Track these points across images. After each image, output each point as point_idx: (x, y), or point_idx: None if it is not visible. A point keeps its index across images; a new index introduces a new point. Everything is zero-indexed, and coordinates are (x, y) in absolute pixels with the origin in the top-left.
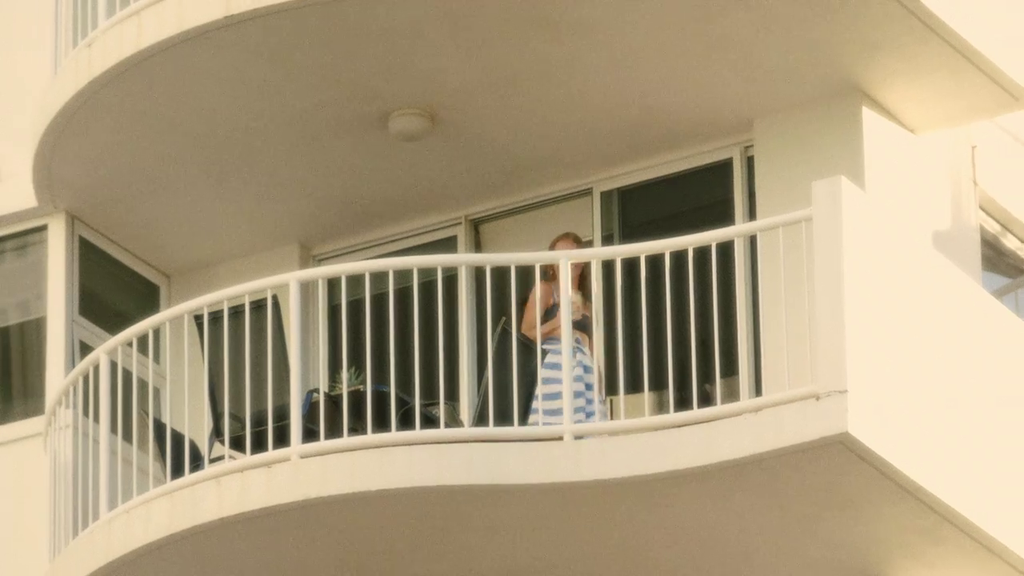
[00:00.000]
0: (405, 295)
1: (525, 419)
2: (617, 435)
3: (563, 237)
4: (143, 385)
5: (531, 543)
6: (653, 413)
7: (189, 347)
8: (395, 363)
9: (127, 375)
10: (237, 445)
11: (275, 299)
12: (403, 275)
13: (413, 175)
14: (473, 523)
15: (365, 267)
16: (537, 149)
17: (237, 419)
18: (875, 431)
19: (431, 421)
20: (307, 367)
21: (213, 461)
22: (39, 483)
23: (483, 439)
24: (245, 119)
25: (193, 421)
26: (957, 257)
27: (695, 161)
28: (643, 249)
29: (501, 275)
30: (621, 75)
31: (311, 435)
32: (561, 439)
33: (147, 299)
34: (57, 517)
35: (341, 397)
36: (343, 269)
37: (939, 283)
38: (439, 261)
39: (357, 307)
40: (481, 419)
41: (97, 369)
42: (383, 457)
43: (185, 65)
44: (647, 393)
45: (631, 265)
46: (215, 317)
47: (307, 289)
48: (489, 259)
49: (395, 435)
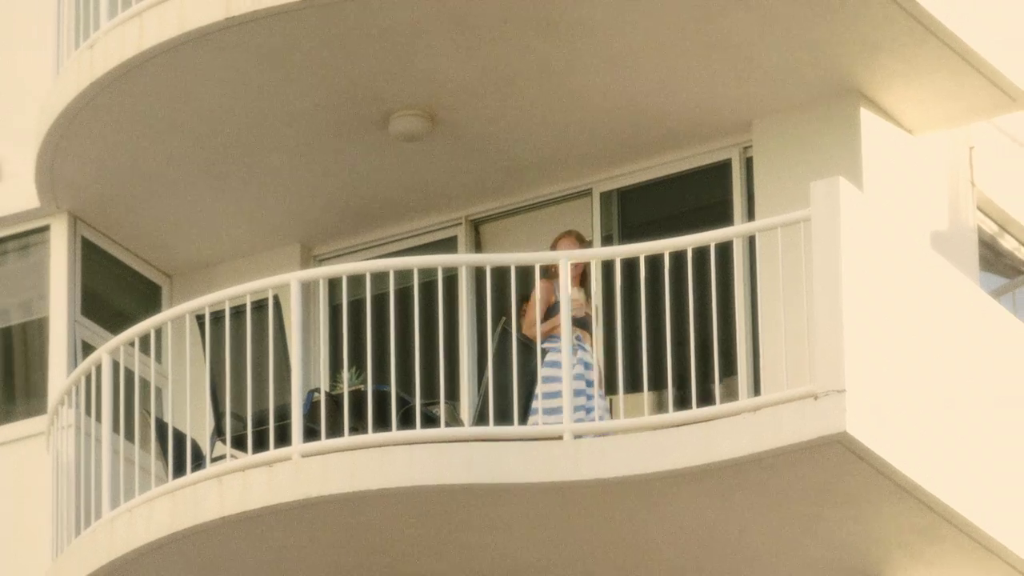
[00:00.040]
0: (406, 295)
1: (525, 418)
2: (616, 434)
3: (566, 235)
4: (145, 385)
5: (531, 542)
6: (652, 413)
7: (191, 347)
8: (396, 363)
9: (129, 375)
10: (239, 444)
11: (276, 299)
12: (404, 275)
13: (413, 176)
14: (473, 522)
15: (366, 267)
16: (537, 150)
17: (238, 418)
18: (873, 430)
19: (431, 420)
20: (308, 367)
21: (215, 460)
22: (42, 482)
23: (483, 438)
24: (246, 120)
25: (195, 420)
26: (955, 257)
27: (694, 162)
28: (642, 249)
29: (501, 275)
30: (620, 76)
31: (312, 434)
32: (561, 438)
33: (149, 299)
34: (60, 516)
35: (342, 397)
36: (344, 269)
37: (937, 283)
38: (440, 261)
39: (358, 307)
40: (481, 418)
41: (99, 369)
42: (384, 456)
43: (186, 66)
44: (646, 393)
45: (630, 265)
46: (217, 317)
47: (308, 289)
48: (489, 259)
49: (396, 434)
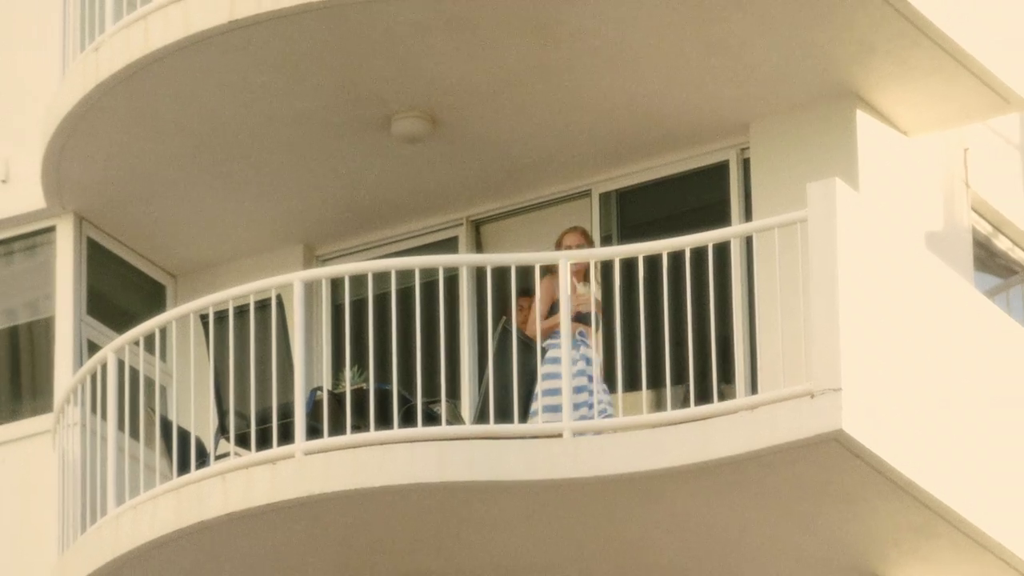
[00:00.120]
0: (407, 295)
1: (525, 417)
2: (616, 432)
3: (571, 230)
4: (150, 383)
5: (531, 539)
6: (651, 411)
7: (195, 346)
8: (397, 362)
9: (134, 373)
10: (242, 442)
11: (279, 299)
12: (405, 275)
13: (415, 177)
14: (474, 519)
15: (368, 267)
16: (537, 151)
17: (242, 416)
18: (869, 429)
19: (433, 419)
20: (311, 366)
21: (219, 458)
22: (48, 480)
23: (484, 436)
24: (250, 122)
25: (199, 419)
26: (949, 258)
27: (692, 163)
28: (641, 250)
29: (502, 275)
30: (619, 78)
31: (315, 432)
32: (561, 436)
33: (154, 299)
34: (66, 513)
35: (344, 395)
36: (346, 269)
37: (932, 283)
38: (441, 261)
39: (360, 306)
40: (482, 416)
41: (105, 368)
42: (385, 454)
43: (191, 69)
44: (645, 391)
45: (629, 265)
46: (220, 316)
47: (311, 289)
48: (490, 259)
49: (397, 432)
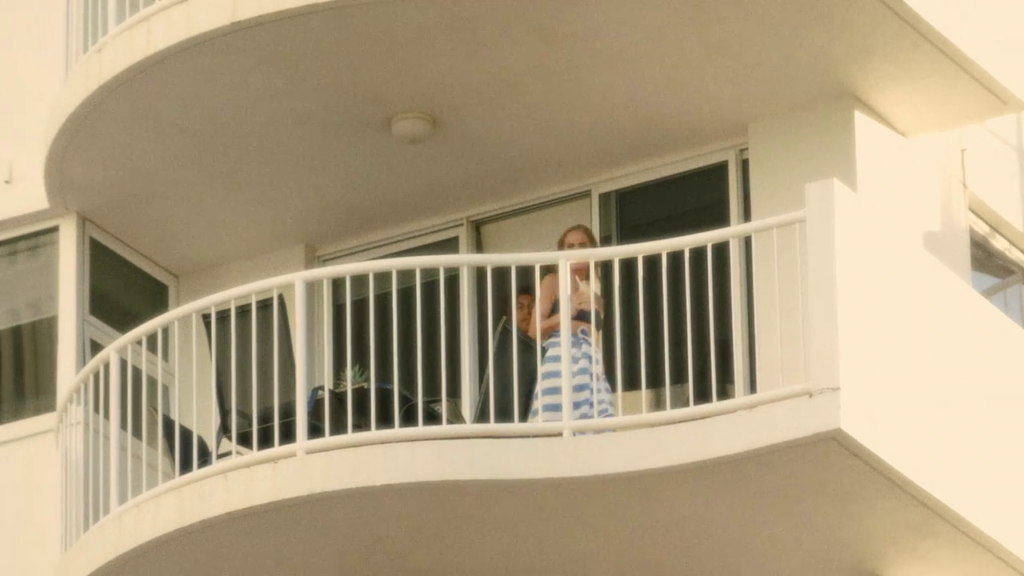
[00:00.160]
0: (408, 295)
1: (525, 416)
2: (615, 431)
3: (574, 229)
4: (152, 383)
5: (532, 537)
6: (650, 410)
7: (197, 345)
8: (398, 361)
9: (137, 373)
10: (244, 441)
11: (281, 298)
12: (406, 275)
13: (416, 177)
14: (475, 517)
15: (369, 267)
16: (537, 152)
17: (244, 416)
18: (867, 428)
19: (433, 418)
20: (312, 365)
21: (221, 457)
22: (51, 478)
23: (484, 435)
24: (252, 123)
25: (201, 418)
26: (947, 258)
27: (691, 163)
28: (641, 250)
29: (502, 275)
30: (619, 79)
31: (316, 431)
32: (560, 435)
33: (156, 298)
34: (68, 511)
35: (345, 394)
36: (347, 269)
37: (929, 283)
38: (441, 261)
39: (361, 306)
40: (482, 416)
41: (107, 367)
42: (386, 453)
43: (193, 70)
44: (644, 390)
45: (629, 265)
46: (222, 316)
47: (312, 289)
48: (490, 259)
49: (398, 431)
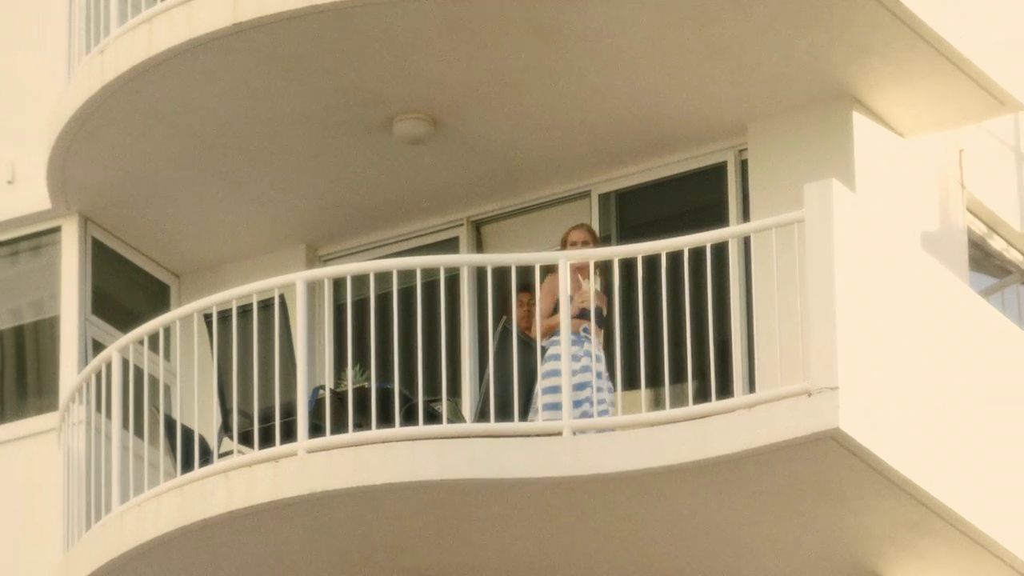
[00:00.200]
0: (409, 294)
1: (526, 415)
2: (615, 431)
3: (577, 227)
4: (154, 382)
5: (532, 536)
6: (650, 409)
7: (199, 345)
8: (399, 360)
9: (138, 372)
10: (245, 440)
11: (282, 298)
12: (407, 275)
13: (416, 178)
14: (475, 516)
15: (370, 267)
16: (537, 152)
17: (245, 415)
18: (865, 427)
19: (434, 417)
20: (313, 365)
21: (222, 456)
22: (53, 477)
23: (485, 435)
24: (253, 123)
25: (202, 417)
26: (945, 258)
27: (691, 164)
28: (640, 250)
29: (502, 275)
30: (618, 80)
31: (317, 431)
32: (560, 434)
33: (158, 298)
34: (71, 510)
35: (346, 394)
36: (348, 269)
37: (927, 283)
38: (442, 261)
39: (362, 306)
40: (483, 415)
41: (109, 366)
42: (387, 452)
43: (195, 71)
44: (643, 389)
45: (628, 265)
46: (224, 316)
47: (313, 289)
48: (490, 259)
49: (399, 431)
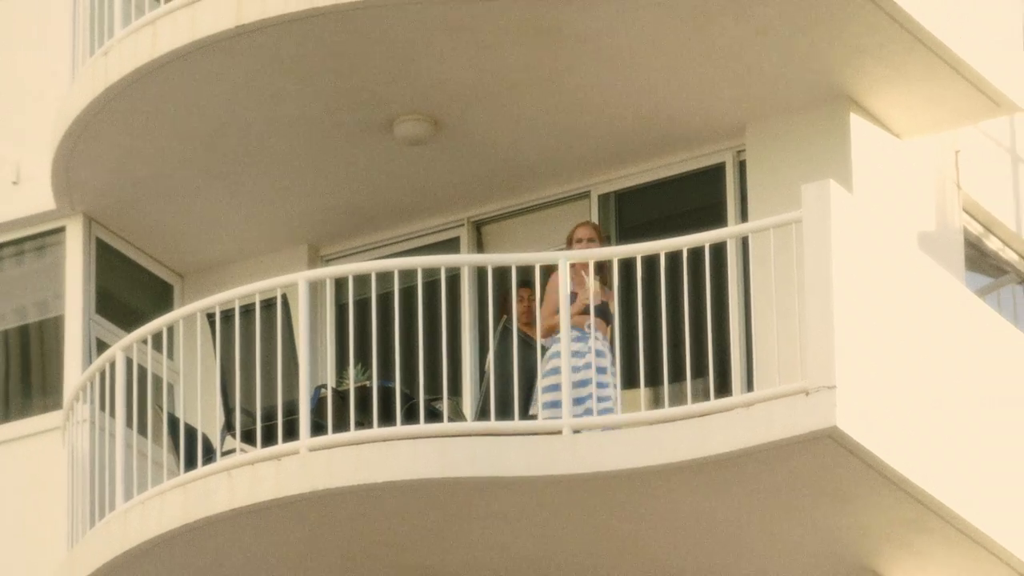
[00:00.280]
0: (410, 294)
1: (526, 413)
2: (614, 429)
3: (582, 224)
4: (157, 381)
5: (532, 533)
6: (649, 408)
7: (202, 344)
8: (400, 360)
9: (142, 371)
10: (248, 439)
11: (284, 298)
12: (408, 275)
13: (417, 179)
14: (475, 514)
15: (371, 267)
16: (537, 153)
17: (248, 413)
18: (863, 425)
19: (435, 415)
20: (315, 364)
21: (225, 454)
22: (57, 476)
23: (485, 433)
24: (256, 124)
25: (205, 416)
26: (941, 258)
27: (689, 165)
28: (639, 250)
29: (502, 275)
30: (618, 82)
31: (319, 429)
32: (560, 433)
33: (161, 298)
34: (75, 508)
35: (348, 392)
36: (350, 269)
37: (924, 283)
38: (442, 261)
39: (363, 306)
40: (483, 414)
41: (113, 366)
42: (389, 450)
43: (198, 72)
44: (643, 388)
45: (627, 265)
46: (227, 315)
47: (315, 288)
48: (491, 259)
49: (400, 429)
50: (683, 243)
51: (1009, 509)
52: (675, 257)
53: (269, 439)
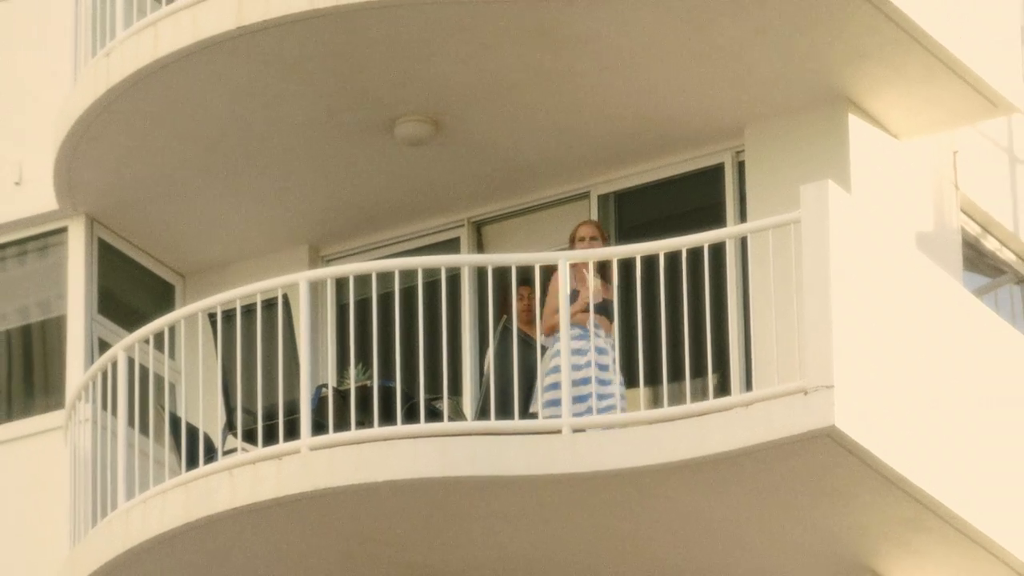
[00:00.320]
0: (410, 294)
1: (526, 413)
2: (614, 428)
3: (585, 223)
4: (159, 380)
5: (532, 532)
6: (648, 407)
7: (203, 344)
8: (401, 359)
9: (144, 371)
10: (249, 438)
11: (286, 298)
12: (408, 275)
13: (418, 179)
14: (476, 513)
15: (372, 267)
16: (537, 154)
17: (249, 413)
18: (861, 425)
19: (435, 415)
20: (316, 363)
21: (226, 453)
22: (59, 475)
23: (485, 432)
24: (257, 125)
25: (207, 415)
26: (939, 258)
27: (688, 165)
28: (639, 250)
29: (502, 275)
30: (617, 83)
31: (320, 428)
32: (560, 432)
33: (163, 298)
34: (77, 507)
35: (349, 392)
36: (351, 269)
37: (922, 283)
38: (443, 262)
39: (364, 306)
40: (483, 413)
41: (115, 365)
42: (389, 449)
43: (199, 73)
44: (642, 388)
45: (627, 266)
46: (228, 315)
47: (316, 288)
48: (491, 259)
49: (401, 428)
50: (682, 243)
51: (1007, 508)
52: (674, 257)
53: (270, 438)
